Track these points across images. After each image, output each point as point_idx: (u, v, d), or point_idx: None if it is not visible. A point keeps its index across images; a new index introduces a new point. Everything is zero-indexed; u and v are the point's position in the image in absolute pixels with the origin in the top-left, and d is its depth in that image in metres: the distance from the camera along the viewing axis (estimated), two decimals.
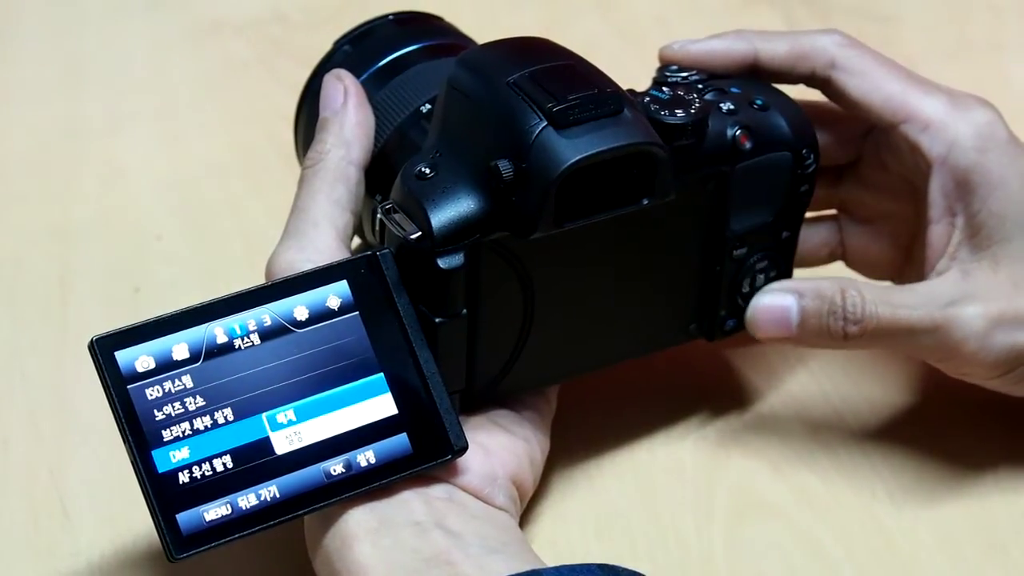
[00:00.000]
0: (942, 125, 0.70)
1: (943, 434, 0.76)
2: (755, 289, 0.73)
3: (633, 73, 0.69)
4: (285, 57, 1.03)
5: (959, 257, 0.71)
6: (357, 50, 0.77)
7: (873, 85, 0.71)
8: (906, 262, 0.76)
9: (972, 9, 1.07)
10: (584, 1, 1.08)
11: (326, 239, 0.67)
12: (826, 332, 0.70)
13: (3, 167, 0.95)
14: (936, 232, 0.72)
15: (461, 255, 0.65)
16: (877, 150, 0.75)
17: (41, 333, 0.83)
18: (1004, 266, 0.70)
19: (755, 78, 0.73)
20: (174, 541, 0.61)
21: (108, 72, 1.03)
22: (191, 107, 1.00)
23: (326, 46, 0.78)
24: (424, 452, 0.64)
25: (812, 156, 0.72)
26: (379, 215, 0.66)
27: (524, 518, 0.71)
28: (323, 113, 0.71)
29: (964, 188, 0.70)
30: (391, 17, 0.78)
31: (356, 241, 0.75)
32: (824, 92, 0.73)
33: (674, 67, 0.72)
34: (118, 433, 0.62)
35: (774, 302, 0.71)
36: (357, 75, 0.74)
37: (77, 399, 0.78)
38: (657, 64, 0.73)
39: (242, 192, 0.93)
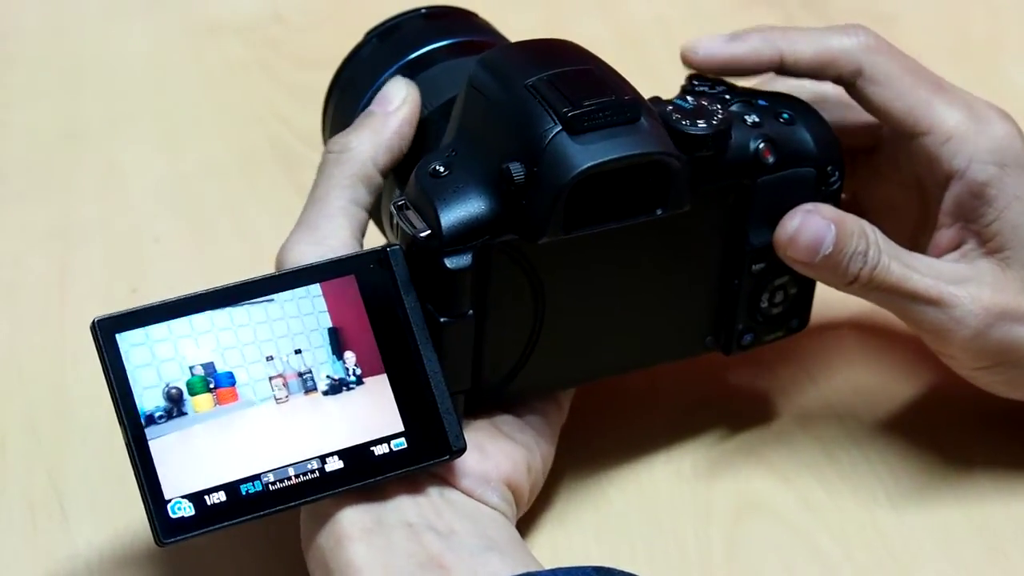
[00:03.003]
0: (962, 139, 0.70)
1: (943, 437, 0.76)
2: (774, 305, 0.73)
3: (633, 75, 0.69)
4: (283, 58, 1.03)
5: (969, 255, 0.71)
6: (386, 43, 0.76)
7: (896, 94, 0.71)
8: None
9: (971, 9, 1.07)
10: (585, 2, 1.08)
11: (342, 234, 0.67)
12: (842, 270, 0.69)
13: (2, 168, 0.95)
14: (944, 235, 0.72)
15: (469, 255, 0.64)
16: (895, 146, 0.74)
17: (39, 334, 0.83)
18: (1015, 268, 0.70)
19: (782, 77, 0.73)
20: (163, 526, 0.61)
21: (106, 73, 1.03)
22: (190, 108, 1.00)
23: (324, 47, 0.78)
24: (422, 450, 0.64)
25: (837, 173, 0.71)
26: (392, 211, 0.66)
27: (523, 520, 0.70)
28: (373, 107, 0.70)
29: (981, 199, 0.70)
30: (423, 11, 0.77)
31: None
32: (848, 93, 0.73)
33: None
34: (117, 435, 0.62)
35: (819, 227, 0.69)
36: (385, 67, 0.74)
37: (76, 400, 0.78)
38: (656, 65, 0.73)
39: (240, 193, 0.93)
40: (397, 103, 0.70)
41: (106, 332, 0.62)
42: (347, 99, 0.76)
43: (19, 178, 0.94)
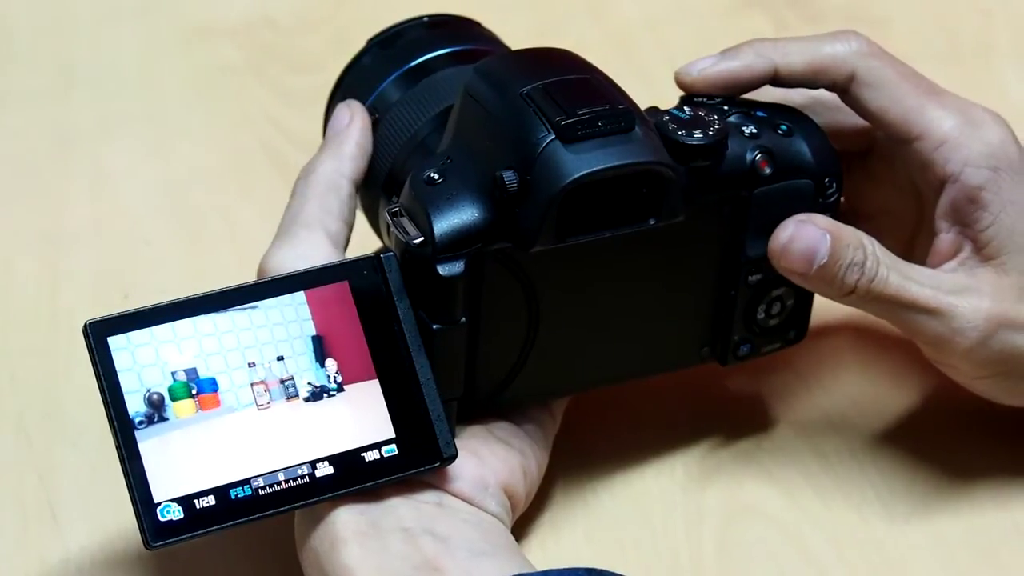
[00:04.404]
0: (956, 144, 0.70)
1: (935, 441, 0.76)
2: (771, 316, 0.73)
3: (623, 78, 0.69)
4: (275, 62, 1.03)
5: (966, 263, 0.71)
6: (388, 51, 0.76)
7: (890, 99, 0.71)
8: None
9: (963, 12, 1.07)
10: (575, 6, 1.08)
11: (318, 239, 0.68)
12: (839, 281, 0.69)
13: None
14: (944, 241, 0.72)
15: (462, 263, 0.64)
16: (889, 150, 0.74)
17: (31, 338, 0.83)
18: (1013, 275, 0.70)
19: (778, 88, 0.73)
20: (152, 529, 0.61)
21: (98, 77, 1.03)
22: (181, 112, 1.00)
23: (316, 51, 0.78)
24: (412, 457, 0.64)
25: (835, 185, 0.71)
26: (386, 218, 0.66)
27: (516, 523, 0.70)
28: (326, 134, 0.73)
29: (976, 204, 0.70)
30: (425, 19, 0.77)
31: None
32: (842, 100, 0.72)
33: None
34: (108, 438, 0.62)
35: (813, 236, 0.69)
36: (386, 75, 0.74)
37: (67, 404, 0.78)
38: (649, 68, 0.73)
39: (232, 197, 0.93)
40: (346, 120, 0.72)
41: (98, 335, 0.62)
42: None
43: (10, 181, 0.94)
